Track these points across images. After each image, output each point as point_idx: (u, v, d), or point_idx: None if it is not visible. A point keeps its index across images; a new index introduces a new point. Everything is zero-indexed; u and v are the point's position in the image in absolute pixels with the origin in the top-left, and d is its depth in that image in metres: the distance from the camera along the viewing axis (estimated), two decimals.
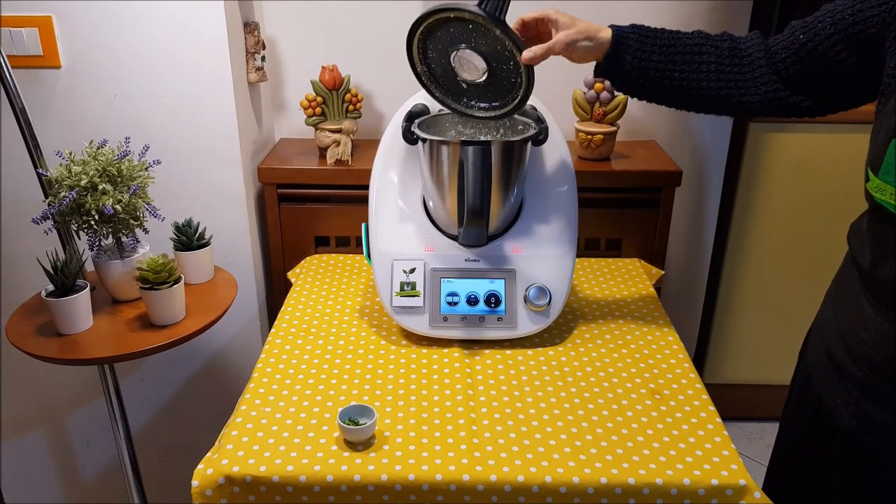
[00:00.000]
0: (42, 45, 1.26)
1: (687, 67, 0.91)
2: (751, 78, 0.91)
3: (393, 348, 1.07)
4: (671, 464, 0.83)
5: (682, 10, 1.48)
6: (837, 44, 0.82)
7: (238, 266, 1.43)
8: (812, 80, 0.87)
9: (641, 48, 0.91)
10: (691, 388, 0.98)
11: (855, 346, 0.82)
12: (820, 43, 0.84)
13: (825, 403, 0.88)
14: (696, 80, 0.91)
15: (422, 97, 1.11)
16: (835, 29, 0.82)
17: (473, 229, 0.98)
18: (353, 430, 0.84)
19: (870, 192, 0.76)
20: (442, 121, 1.11)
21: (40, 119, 1.29)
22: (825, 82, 0.86)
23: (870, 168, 0.76)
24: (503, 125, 1.10)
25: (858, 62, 0.81)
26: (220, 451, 0.85)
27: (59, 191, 1.07)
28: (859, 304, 0.81)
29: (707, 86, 0.91)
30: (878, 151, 0.74)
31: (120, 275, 1.15)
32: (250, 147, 1.41)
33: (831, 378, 0.87)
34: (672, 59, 0.91)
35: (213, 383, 1.55)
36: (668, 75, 0.92)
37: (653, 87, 0.94)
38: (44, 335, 1.09)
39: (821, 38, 0.84)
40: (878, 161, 0.74)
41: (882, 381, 0.79)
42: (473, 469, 0.82)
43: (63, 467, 1.67)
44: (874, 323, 0.78)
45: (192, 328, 1.11)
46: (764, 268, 1.73)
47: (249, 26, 1.37)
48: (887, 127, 0.73)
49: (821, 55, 0.84)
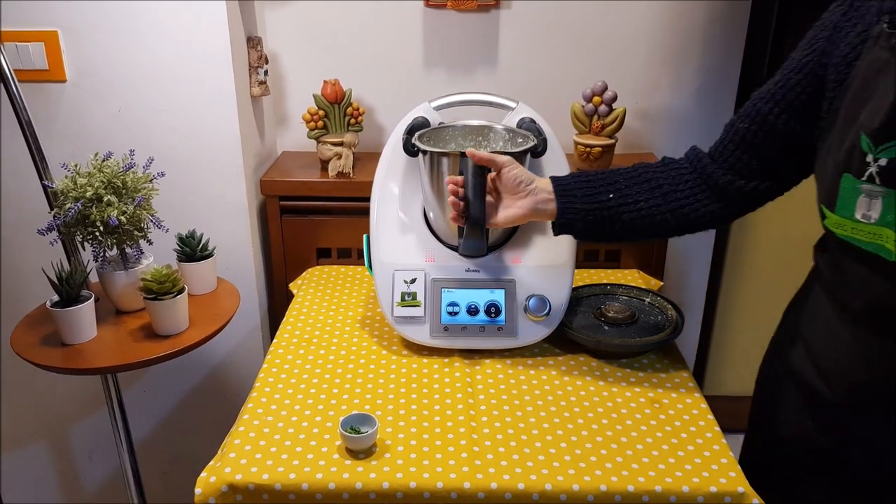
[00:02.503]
0: (48, 60, 1.28)
1: (641, 196, 0.91)
2: (706, 186, 0.91)
3: (394, 358, 1.08)
4: (670, 471, 0.84)
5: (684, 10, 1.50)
6: (781, 115, 0.84)
7: (240, 277, 1.44)
8: (766, 157, 0.87)
9: (586, 191, 0.92)
10: (690, 398, 0.99)
11: (829, 369, 0.83)
12: (763, 121, 0.85)
13: (793, 427, 0.88)
14: (655, 206, 0.91)
15: (422, 111, 1.13)
16: (776, 106, 0.84)
17: (473, 240, 0.99)
18: (354, 438, 0.85)
19: (830, 228, 0.76)
20: (442, 134, 1.13)
21: (46, 132, 1.31)
22: (781, 155, 0.87)
23: (824, 205, 0.77)
24: (503, 138, 1.12)
25: (806, 127, 0.82)
26: (222, 459, 0.86)
27: (65, 202, 1.09)
28: (834, 329, 0.82)
29: (667, 208, 0.91)
30: (830, 188, 0.75)
31: (124, 285, 1.16)
32: (253, 160, 1.43)
33: (798, 401, 0.88)
34: (623, 192, 0.92)
35: (215, 394, 1.56)
36: (624, 209, 0.92)
37: (612, 227, 0.93)
38: (48, 345, 1.10)
39: (763, 117, 0.85)
40: (832, 197, 0.74)
41: (862, 404, 0.80)
42: (474, 477, 0.82)
43: (65, 478, 1.67)
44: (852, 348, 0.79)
45: (195, 338, 1.12)
46: (763, 279, 1.73)
47: (252, 41, 1.39)
48: (835, 162, 0.74)
49: (770, 130, 0.85)
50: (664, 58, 1.53)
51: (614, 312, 1.11)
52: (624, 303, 1.16)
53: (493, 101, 1.15)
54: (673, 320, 1.11)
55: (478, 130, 1.13)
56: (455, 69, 1.54)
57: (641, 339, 1.06)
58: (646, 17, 1.49)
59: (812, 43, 0.82)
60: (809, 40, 0.83)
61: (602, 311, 1.12)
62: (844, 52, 0.76)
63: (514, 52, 1.52)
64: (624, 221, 0.92)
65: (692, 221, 0.92)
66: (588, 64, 1.53)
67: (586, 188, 0.93)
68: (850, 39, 0.76)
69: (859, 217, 0.72)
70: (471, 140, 1.13)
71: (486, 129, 1.13)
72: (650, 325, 1.11)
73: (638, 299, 1.18)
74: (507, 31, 1.50)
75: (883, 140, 0.68)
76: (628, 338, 1.07)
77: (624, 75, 1.53)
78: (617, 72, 1.53)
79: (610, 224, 0.93)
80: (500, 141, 1.12)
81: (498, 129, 1.12)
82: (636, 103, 1.57)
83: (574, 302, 1.14)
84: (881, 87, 0.69)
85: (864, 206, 0.71)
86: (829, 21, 0.81)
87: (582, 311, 1.14)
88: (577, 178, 0.95)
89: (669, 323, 1.11)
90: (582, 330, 1.08)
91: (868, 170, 0.69)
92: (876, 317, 0.76)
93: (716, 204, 0.91)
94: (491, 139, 1.12)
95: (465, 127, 1.13)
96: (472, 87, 1.53)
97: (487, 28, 1.50)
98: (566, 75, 1.53)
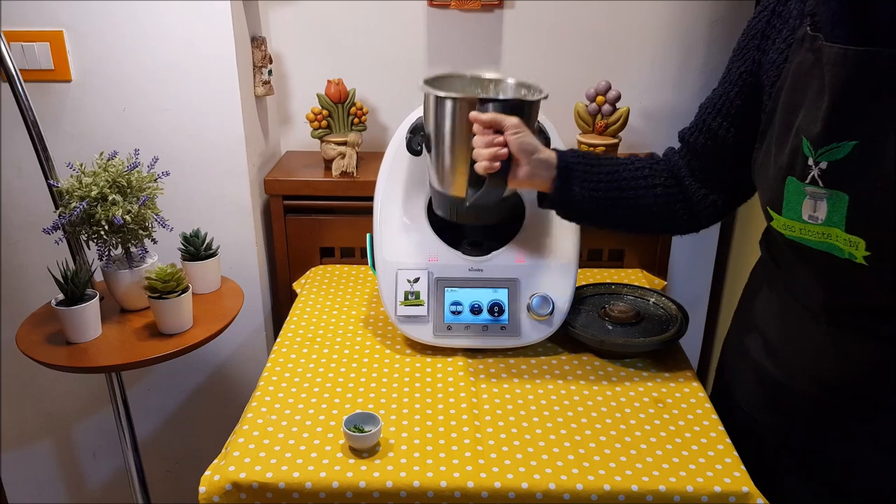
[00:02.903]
0: (53, 60, 1.29)
1: (633, 193, 0.93)
2: (692, 191, 0.94)
3: (397, 357, 1.08)
4: (674, 471, 0.84)
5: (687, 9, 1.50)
6: (730, 128, 0.86)
7: (244, 276, 1.44)
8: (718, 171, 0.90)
9: (587, 178, 0.92)
10: (693, 397, 0.98)
11: (790, 363, 0.84)
12: (714, 135, 0.88)
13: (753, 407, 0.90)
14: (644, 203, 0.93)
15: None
16: (724, 120, 0.86)
17: (494, 187, 0.92)
18: (358, 437, 0.85)
19: (778, 230, 0.77)
20: (452, 83, 1.07)
21: (51, 131, 1.31)
22: (733, 169, 0.89)
23: (769, 208, 0.78)
24: (512, 90, 1.07)
25: (751, 138, 0.84)
26: (226, 458, 0.86)
27: (70, 201, 1.09)
28: (793, 325, 0.83)
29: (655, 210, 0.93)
30: (775, 191, 0.76)
31: (128, 284, 1.17)
32: (257, 159, 1.43)
33: (758, 393, 0.89)
34: (618, 185, 0.92)
35: (219, 393, 1.56)
36: (615, 202, 0.93)
37: (596, 217, 0.95)
38: (53, 344, 1.10)
39: (713, 132, 0.88)
40: (777, 200, 0.75)
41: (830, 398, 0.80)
42: (478, 476, 0.82)
43: (69, 477, 1.67)
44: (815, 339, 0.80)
45: (200, 337, 1.12)
46: None
47: (257, 41, 1.39)
48: (778, 166, 0.75)
49: (721, 144, 0.87)
50: (667, 57, 1.53)
51: (618, 312, 1.10)
52: (629, 302, 1.16)
53: None
54: (677, 320, 1.11)
55: (486, 82, 1.09)
56: (459, 68, 1.53)
57: (645, 339, 1.06)
58: (649, 16, 1.49)
59: (744, 53, 0.84)
60: (741, 50, 0.84)
61: (606, 310, 1.12)
62: (774, 59, 0.78)
63: (517, 52, 1.52)
64: (609, 215, 0.94)
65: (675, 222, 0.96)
66: (591, 63, 1.53)
67: (588, 175, 0.92)
68: (778, 45, 0.78)
69: (806, 218, 0.73)
70: (481, 91, 1.08)
71: (496, 82, 1.08)
72: (654, 325, 1.10)
73: (643, 299, 1.18)
74: (511, 30, 1.50)
75: (822, 144, 0.69)
76: (632, 337, 1.07)
77: (627, 75, 1.53)
78: (620, 71, 1.53)
79: (595, 215, 0.94)
80: (509, 93, 1.06)
81: (508, 82, 1.07)
82: (640, 103, 1.56)
83: (578, 301, 1.14)
84: (811, 89, 0.71)
85: (810, 207, 0.72)
86: (756, 29, 0.82)
87: (586, 310, 1.14)
88: (582, 160, 0.93)
89: (674, 323, 1.10)
90: (586, 329, 1.08)
91: (811, 173, 0.71)
92: (835, 314, 0.77)
93: (689, 219, 0.95)
94: (500, 92, 1.07)
95: (475, 78, 1.09)
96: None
97: (491, 28, 1.50)
98: (569, 75, 1.53)
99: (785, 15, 0.78)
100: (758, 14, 0.83)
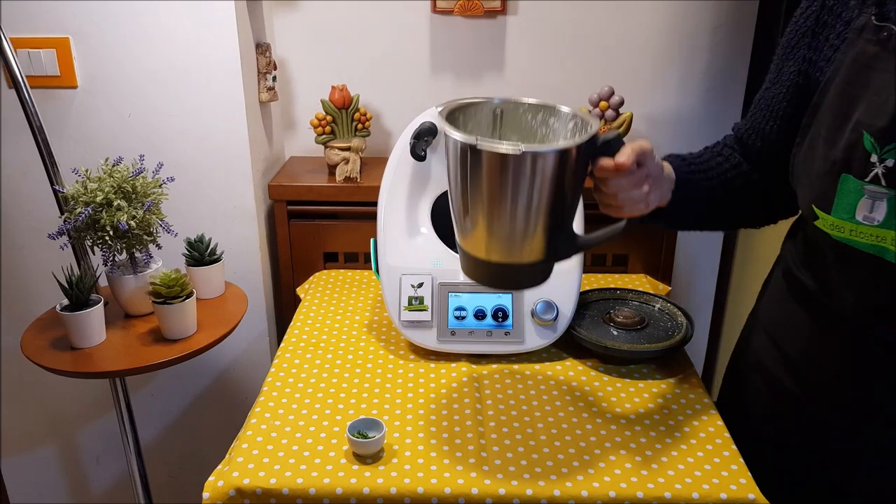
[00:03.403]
0: (59, 66, 1.29)
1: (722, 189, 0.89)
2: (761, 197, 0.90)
3: (401, 362, 1.07)
4: (680, 478, 0.83)
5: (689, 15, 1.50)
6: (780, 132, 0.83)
7: (248, 281, 1.44)
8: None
9: (690, 184, 0.87)
10: (699, 404, 0.98)
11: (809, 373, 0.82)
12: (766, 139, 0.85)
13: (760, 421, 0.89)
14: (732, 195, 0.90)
15: (429, 116, 1.13)
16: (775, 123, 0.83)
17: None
18: (362, 443, 0.85)
19: (824, 230, 0.73)
20: (477, 112, 0.81)
21: (57, 137, 1.32)
22: None
23: (815, 206, 0.73)
24: (565, 126, 0.81)
25: None
26: (230, 464, 0.86)
27: (75, 207, 1.09)
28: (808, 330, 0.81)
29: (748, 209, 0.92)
30: (824, 188, 0.71)
31: (133, 289, 1.17)
32: (261, 165, 1.44)
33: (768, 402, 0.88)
34: (711, 182, 0.88)
35: (223, 398, 1.56)
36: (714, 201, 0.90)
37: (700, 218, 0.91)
38: (58, 349, 1.10)
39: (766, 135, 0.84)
40: (827, 199, 0.71)
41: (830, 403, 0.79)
42: (482, 482, 0.82)
43: (73, 482, 1.67)
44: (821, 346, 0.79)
45: (204, 342, 1.12)
46: None
47: (261, 47, 1.40)
48: (831, 162, 0.70)
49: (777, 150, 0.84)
50: (670, 62, 1.53)
51: (623, 317, 1.10)
52: (634, 308, 1.16)
53: None
54: (683, 327, 1.10)
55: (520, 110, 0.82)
56: (462, 75, 1.54)
57: (650, 345, 1.06)
58: (651, 21, 1.49)
59: (794, 51, 0.80)
60: (791, 48, 0.81)
61: (611, 315, 1.12)
62: (827, 54, 0.75)
63: (520, 58, 1.52)
64: (711, 218, 0.92)
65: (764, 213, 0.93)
66: (594, 69, 1.53)
67: (690, 182, 0.87)
68: (831, 40, 0.75)
69: (860, 219, 0.68)
70: (532, 120, 0.82)
71: (537, 109, 0.81)
72: (660, 330, 1.10)
73: (648, 305, 1.18)
74: (514, 36, 1.51)
75: (890, 140, 0.65)
76: (637, 343, 1.06)
77: (630, 80, 1.53)
78: (623, 77, 1.53)
79: (698, 220, 0.92)
80: (566, 120, 0.80)
81: (564, 111, 0.80)
82: (643, 108, 1.56)
83: (582, 306, 1.14)
84: (874, 82, 0.67)
85: (867, 207, 0.68)
86: (806, 25, 0.79)
87: (590, 315, 1.14)
88: (683, 165, 0.87)
89: (679, 329, 1.10)
90: (590, 335, 1.08)
91: (873, 171, 0.66)
92: (865, 318, 0.75)
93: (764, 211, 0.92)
94: (554, 120, 0.81)
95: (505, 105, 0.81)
96: (480, 93, 1.53)
97: (494, 34, 1.50)
98: (573, 80, 1.53)
99: (837, 9, 0.75)
100: (805, 10, 0.79)
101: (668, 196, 0.83)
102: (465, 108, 0.80)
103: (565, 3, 1.48)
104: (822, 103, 0.73)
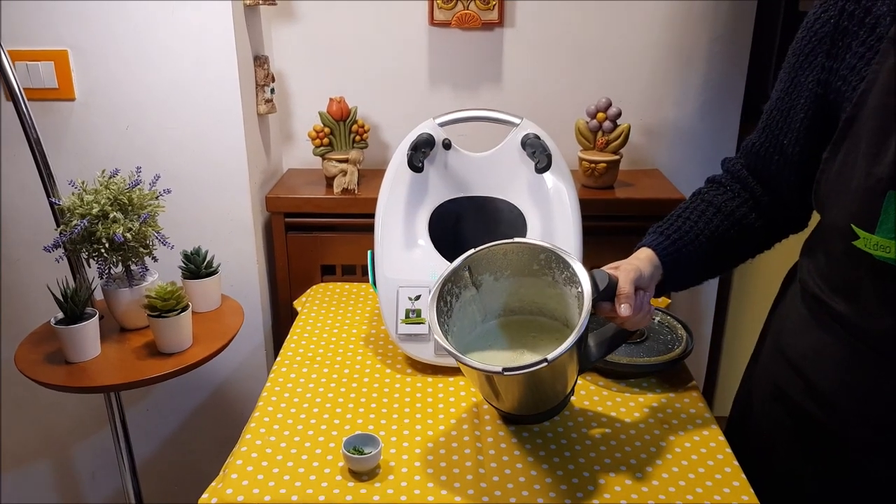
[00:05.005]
0: (57, 79, 1.29)
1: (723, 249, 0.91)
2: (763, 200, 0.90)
3: (398, 376, 1.06)
4: (681, 494, 0.82)
5: (687, 27, 1.50)
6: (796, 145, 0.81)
7: (245, 294, 1.43)
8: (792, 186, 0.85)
9: (682, 255, 0.89)
10: (700, 418, 0.97)
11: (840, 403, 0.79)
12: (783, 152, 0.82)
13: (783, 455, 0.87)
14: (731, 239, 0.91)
15: (427, 127, 1.13)
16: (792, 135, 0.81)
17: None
18: (357, 459, 0.84)
19: (865, 250, 0.68)
20: (491, 263, 0.90)
21: (55, 150, 1.32)
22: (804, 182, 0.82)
23: (855, 225, 0.68)
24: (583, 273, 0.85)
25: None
26: (224, 481, 0.84)
27: (71, 219, 1.09)
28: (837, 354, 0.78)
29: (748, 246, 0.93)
30: (866, 206, 0.67)
31: (128, 303, 1.16)
32: (259, 177, 1.43)
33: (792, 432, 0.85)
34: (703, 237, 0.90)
35: (219, 413, 1.55)
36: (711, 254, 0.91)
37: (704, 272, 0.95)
38: (52, 363, 1.09)
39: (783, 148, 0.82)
40: (870, 216, 0.66)
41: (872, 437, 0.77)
42: (480, 499, 0.81)
43: (67, 498, 1.65)
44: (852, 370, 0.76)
45: (199, 356, 1.11)
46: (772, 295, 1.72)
47: (259, 60, 1.40)
48: (875, 178, 0.66)
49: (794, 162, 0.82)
50: (668, 74, 1.53)
51: None
52: None
53: (497, 118, 1.15)
54: (683, 340, 1.09)
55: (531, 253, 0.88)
56: (460, 87, 1.54)
57: (650, 359, 1.05)
58: (649, 33, 1.50)
59: (809, 59, 0.76)
60: (806, 56, 0.77)
61: None
62: (853, 63, 0.71)
63: (518, 70, 1.52)
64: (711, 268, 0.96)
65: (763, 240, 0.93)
66: (592, 81, 1.53)
67: (681, 252, 0.89)
68: (856, 48, 0.71)
69: None
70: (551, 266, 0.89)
71: (555, 262, 0.87)
72: (660, 344, 1.09)
73: None
74: (512, 49, 1.51)
75: None
76: (637, 357, 1.05)
77: (628, 92, 1.54)
78: (621, 88, 1.53)
79: (702, 274, 0.96)
80: (582, 274, 0.84)
81: (577, 269, 0.84)
82: (640, 119, 1.57)
83: None
84: None
85: None
86: (823, 32, 0.75)
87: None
88: (669, 242, 0.89)
89: (679, 342, 1.09)
90: None
91: None
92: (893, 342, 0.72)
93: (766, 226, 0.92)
94: (570, 271, 0.86)
95: (519, 248, 0.88)
96: (477, 105, 1.53)
97: (492, 46, 1.50)
98: (570, 92, 1.54)
99: (859, 14, 0.71)
100: (820, 16, 0.75)
101: (659, 278, 0.89)
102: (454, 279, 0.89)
103: (562, 14, 1.48)
104: (859, 116, 0.69)
